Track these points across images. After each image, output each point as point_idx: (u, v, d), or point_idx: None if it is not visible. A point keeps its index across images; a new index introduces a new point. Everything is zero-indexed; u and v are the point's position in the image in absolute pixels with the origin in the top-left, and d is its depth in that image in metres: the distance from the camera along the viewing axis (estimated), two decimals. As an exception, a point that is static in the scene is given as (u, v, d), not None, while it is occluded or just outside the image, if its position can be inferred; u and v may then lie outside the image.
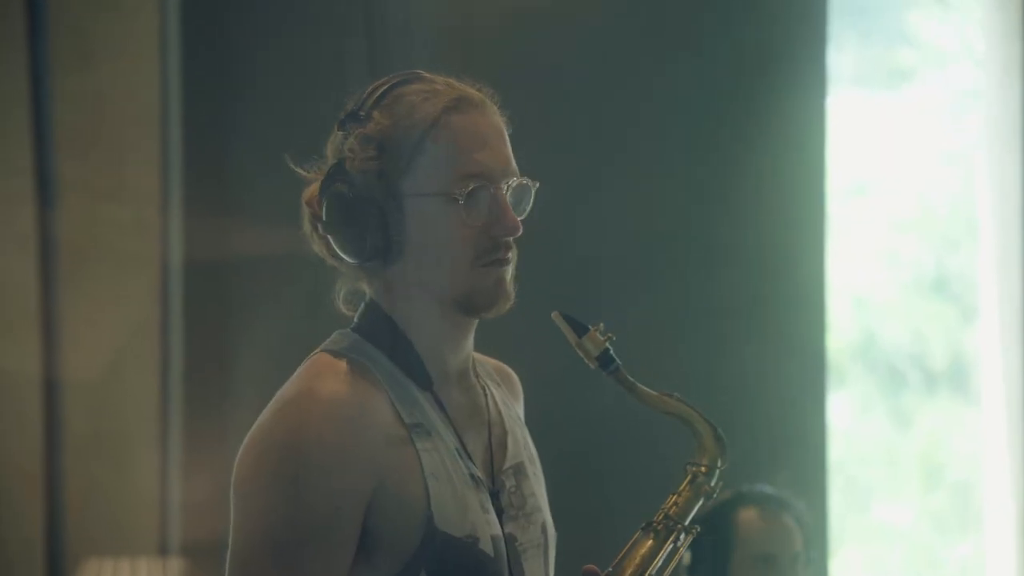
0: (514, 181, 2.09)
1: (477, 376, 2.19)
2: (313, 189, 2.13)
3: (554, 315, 2.17)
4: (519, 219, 2.09)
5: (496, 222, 2.07)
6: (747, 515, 3.58)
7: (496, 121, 2.11)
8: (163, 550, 4.11)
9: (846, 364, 5.16)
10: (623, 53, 4.44)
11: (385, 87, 2.10)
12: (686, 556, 3.45)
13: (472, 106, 2.09)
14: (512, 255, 2.10)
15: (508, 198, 2.08)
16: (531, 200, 2.12)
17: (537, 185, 2.12)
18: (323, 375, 2.03)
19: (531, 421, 2.30)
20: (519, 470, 2.18)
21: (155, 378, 4.04)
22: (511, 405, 2.26)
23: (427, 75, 2.13)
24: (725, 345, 4.42)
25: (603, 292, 4.18)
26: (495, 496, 2.11)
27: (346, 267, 2.13)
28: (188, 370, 4.07)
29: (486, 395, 2.19)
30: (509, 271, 2.10)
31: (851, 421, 5.18)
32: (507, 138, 2.12)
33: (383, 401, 2.03)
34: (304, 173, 2.14)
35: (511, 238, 2.08)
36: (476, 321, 2.13)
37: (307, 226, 2.14)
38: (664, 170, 4.50)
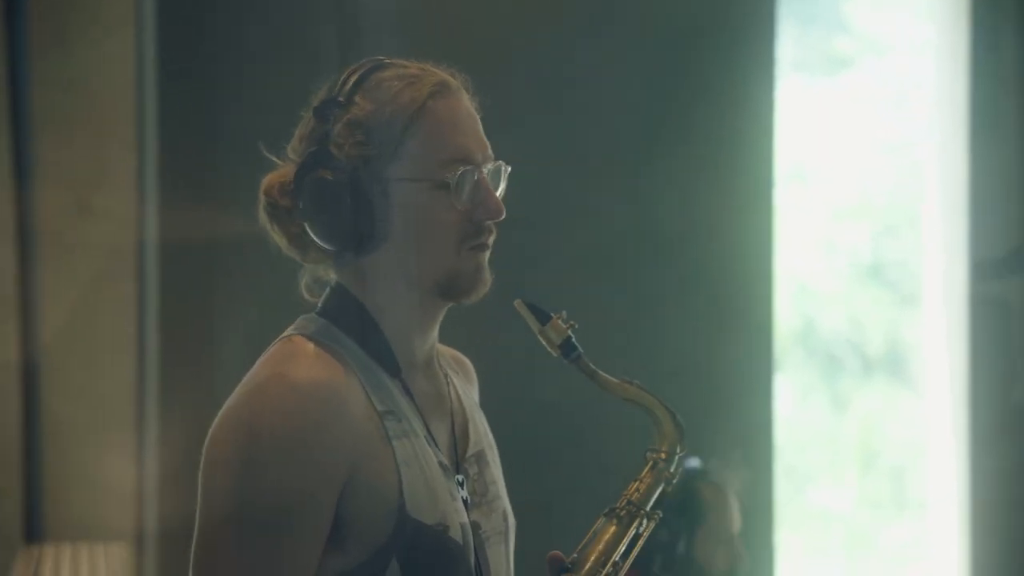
0: (492, 165, 2.11)
1: (439, 364, 2.20)
2: (272, 178, 2.12)
3: (517, 303, 2.17)
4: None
5: (480, 206, 2.08)
6: (714, 493, 3.63)
7: (471, 106, 2.12)
8: (139, 534, 4.10)
9: (786, 350, 5.20)
10: (570, 40, 4.44)
11: (361, 72, 2.10)
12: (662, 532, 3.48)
13: (451, 91, 2.10)
14: (492, 240, 2.10)
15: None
16: (504, 183, 2.13)
17: (510, 168, 2.14)
18: (295, 359, 2.01)
19: (489, 408, 2.30)
20: (481, 458, 2.18)
21: (132, 362, 4.02)
22: (469, 393, 2.27)
23: (398, 61, 2.13)
24: (671, 330, 4.45)
25: (549, 278, 4.19)
26: (460, 484, 2.11)
27: (314, 255, 2.12)
28: (165, 354, 4.05)
29: (448, 383, 2.20)
30: (486, 257, 2.10)
31: (790, 406, 5.22)
32: (480, 122, 2.13)
33: (355, 386, 2.02)
34: (277, 160, 2.13)
35: (494, 222, 2.09)
36: (446, 308, 2.14)
37: (263, 216, 2.13)
38: (612, 157, 4.51)
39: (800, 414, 5.25)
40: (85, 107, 3.75)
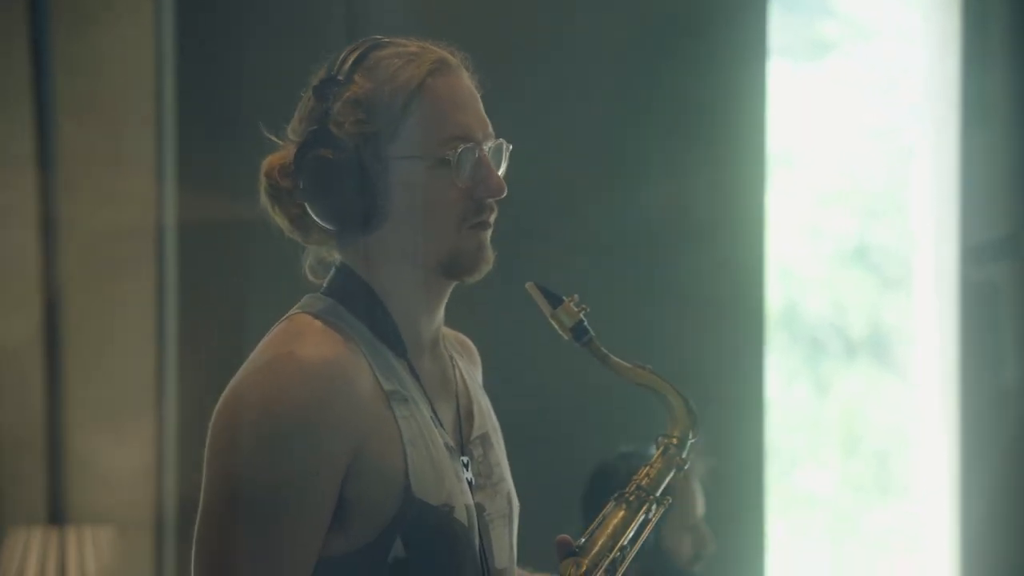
0: (493, 143, 2.10)
1: (444, 346, 2.19)
2: (273, 159, 2.10)
3: (528, 286, 2.16)
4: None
5: (481, 183, 2.07)
6: (687, 481, 3.61)
7: (471, 84, 2.11)
8: (159, 519, 4.09)
9: (770, 333, 5.21)
10: (563, 25, 4.43)
11: (360, 51, 2.09)
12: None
13: (450, 69, 2.09)
14: (493, 218, 2.09)
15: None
16: (506, 162, 2.12)
17: (511, 147, 2.13)
18: (303, 337, 1.99)
19: (494, 391, 2.30)
20: (485, 440, 2.18)
21: (151, 345, 4.01)
22: (474, 375, 2.26)
23: (397, 39, 2.12)
24: (660, 315, 4.45)
25: (541, 260, 4.18)
26: (465, 466, 2.10)
27: (316, 236, 2.11)
28: (184, 337, 4.04)
29: (453, 365, 2.19)
30: (488, 235, 2.09)
31: (775, 390, 5.23)
32: (480, 100, 2.12)
33: (362, 366, 2.01)
34: (278, 140, 2.12)
35: (495, 199, 2.08)
36: (451, 289, 2.12)
37: (264, 198, 2.11)
38: (603, 141, 4.51)
39: (783, 397, 5.26)
40: (105, 89, 3.73)
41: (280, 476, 1.93)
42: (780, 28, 5.09)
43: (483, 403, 2.22)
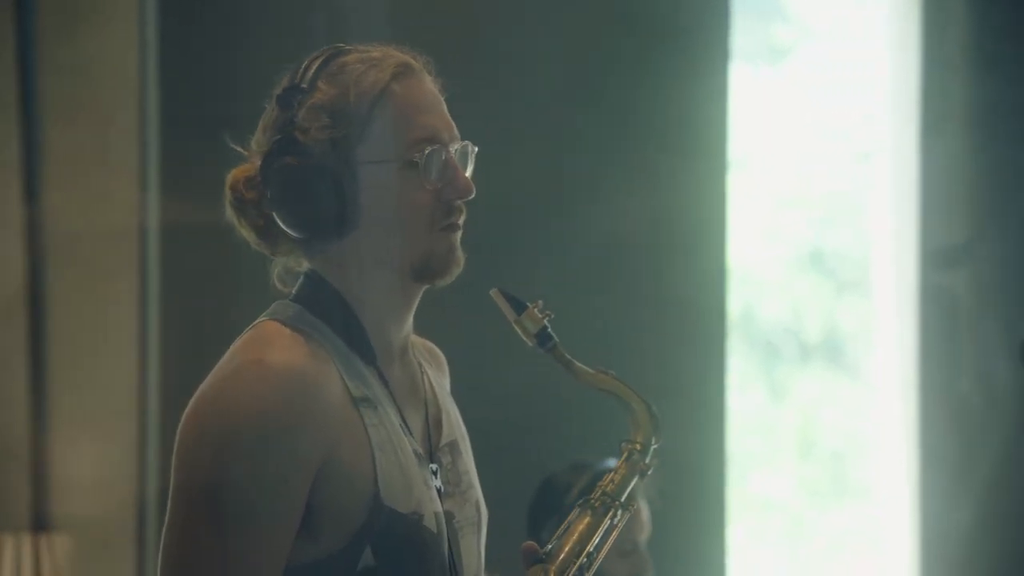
0: (459, 145, 2.10)
1: (413, 354, 2.18)
2: (237, 172, 2.10)
3: (493, 292, 2.16)
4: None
5: (449, 185, 2.07)
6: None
7: (435, 87, 2.12)
8: (141, 524, 4.07)
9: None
10: (523, 30, 4.43)
11: (323, 59, 2.09)
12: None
13: (414, 73, 2.09)
14: (463, 220, 2.09)
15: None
16: (472, 164, 2.13)
17: (477, 149, 2.13)
18: (271, 344, 1.98)
19: (459, 398, 2.29)
20: (454, 448, 2.17)
21: (134, 350, 3.99)
22: (442, 383, 2.26)
23: (359, 46, 2.12)
24: (624, 318, 4.45)
25: (503, 266, 4.17)
26: (434, 474, 2.10)
27: (285, 247, 2.10)
28: (166, 341, 4.02)
29: (422, 372, 2.18)
30: (459, 237, 2.09)
31: (730, 394, 5.24)
32: (444, 103, 2.12)
33: (332, 373, 2.00)
34: (243, 151, 2.11)
35: (464, 201, 2.08)
36: (420, 294, 2.12)
37: (230, 212, 2.10)
38: (564, 145, 4.50)
39: (741, 402, 5.28)
40: (89, 94, 3.72)
41: (249, 483, 1.92)
42: (738, 32, 5.11)
43: (451, 411, 2.22)
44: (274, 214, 2.06)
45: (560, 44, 4.49)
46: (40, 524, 4.09)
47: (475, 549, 2.15)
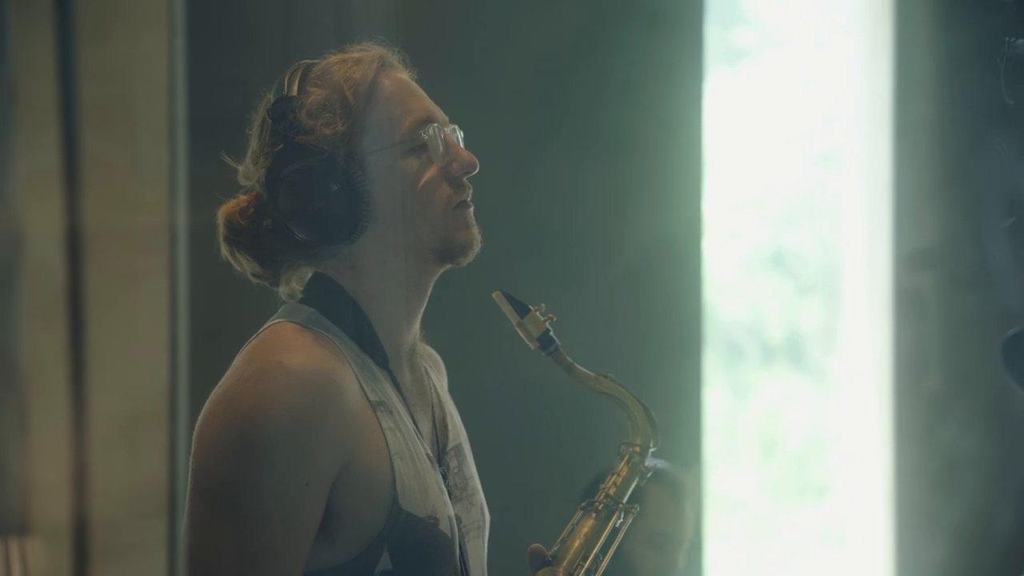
0: (451, 127, 2.13)
1: (419, 356, 2.19)
2: (228, 207, 2.09)
3: (496, 295, 2.17)
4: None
5: (454, 161, 2.09)
6: (657, 492, 3.60)
7: (412, 78, 2.15)
8: (171, 527, 4.06)
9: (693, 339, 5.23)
10: (500, 32, 4.42)
11: (300, 69, 2.11)
12: None
13: (393, 65, 2.12)
14: (471, 196, 2.12)
15: None
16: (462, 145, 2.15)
17: (463, 133, 2.16)
18: (292, 346, 1.97)
19: (462, 400, 2.30)
20: (459, 451, 2.18)
21: (165, 357, 3.97)
22: (442, 384, 2.26)
23: (329, 54, 2.13)
24: (603, 320, 4.45)
25: (478, 265, 4.17)
26: (443, 477, 2.11)
27: (287, 273, 2.10)
28: (195, 343, 4.00)
29: (427, 375, 2.19)
30: (472, 213, 2.11)
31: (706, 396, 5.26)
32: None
33: (350, 375, 2.00)
34: (236, 166, 2.11)
35: (469, 176, 2.11)
36: (432, 285, 2.12)
37: (226, 248, 2.09)
38: (535, 147, 4.50)
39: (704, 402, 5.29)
40: (120, 99, 3.70)
41: (271, 485, 1.91)
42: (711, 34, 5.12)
43: (454, 413, 2.23)
44: (290, 224, 2.04)
45: (533, 47, 4.49)
46: (79, 526, 4.08)
47: (481, 553, 2.16)
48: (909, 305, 4.81)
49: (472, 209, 2.12)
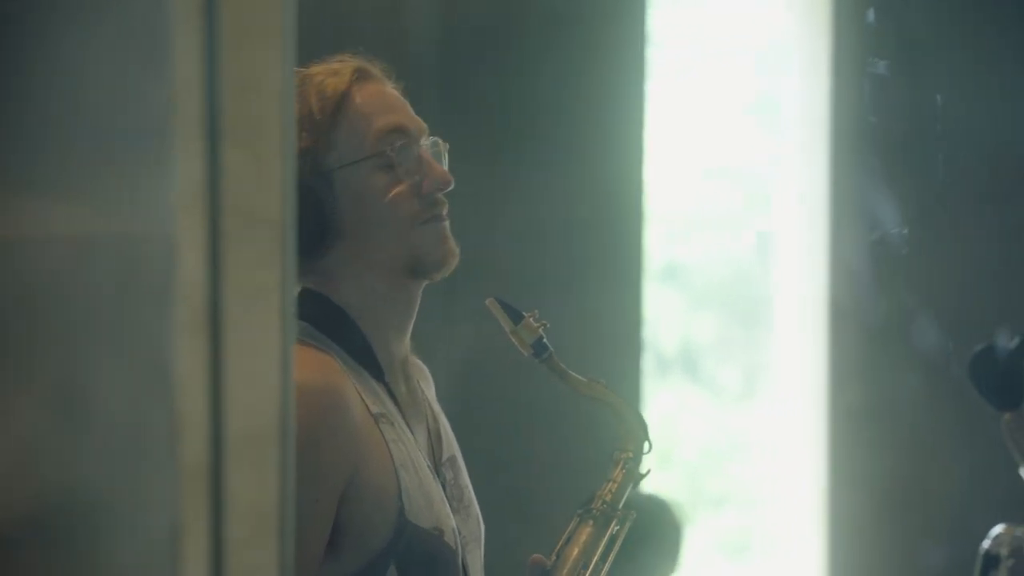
0: (430, 140, 2.09)
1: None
2: None
3: (489, 301, 2.14)
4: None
5: (427, 177, 2.06)
6: (670, 531, 3.66)
7: (396, 91, 2.12)
8: (282, 555, 3.94)
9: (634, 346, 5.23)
10: (443, 13, 4.35)
11: None
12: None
13: (372, 77, 2.09)
14: (447, 211, 2.08)
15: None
16: (446, 161, 2.12)
17: (448, 146, 2.12)
18: (295, 359, 1.94)
19: (453, 411, 2.27)
20: (454, 462, 2.16)
21: (277, 375, 3.85)
22: (431, 395, 2.24)
23: (314, 63, 2.10)
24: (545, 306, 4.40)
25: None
26: (443, 488, 2.08)
27: None
28: None
29: (419, 386, 2.16)
30: (447, 227, 2.07)
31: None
32: (409, 106, 2.12)
33: (352, 389, 1.97)
34: None
35: (443, 192, 2.07)
36: (418, 299, 2.09)
37: None
38: (483, 131, 4.43)
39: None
40: (239, 109, 3.58)
41: None
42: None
43: (446, 424, 2.20)
44: None
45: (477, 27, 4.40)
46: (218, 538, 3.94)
47: (478, 564, 2.14)
48: (843, 321, 4.83)
49: (446, 224, 2.07)
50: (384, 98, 2.08)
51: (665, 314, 5.49)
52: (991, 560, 2.25)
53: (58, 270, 1.18)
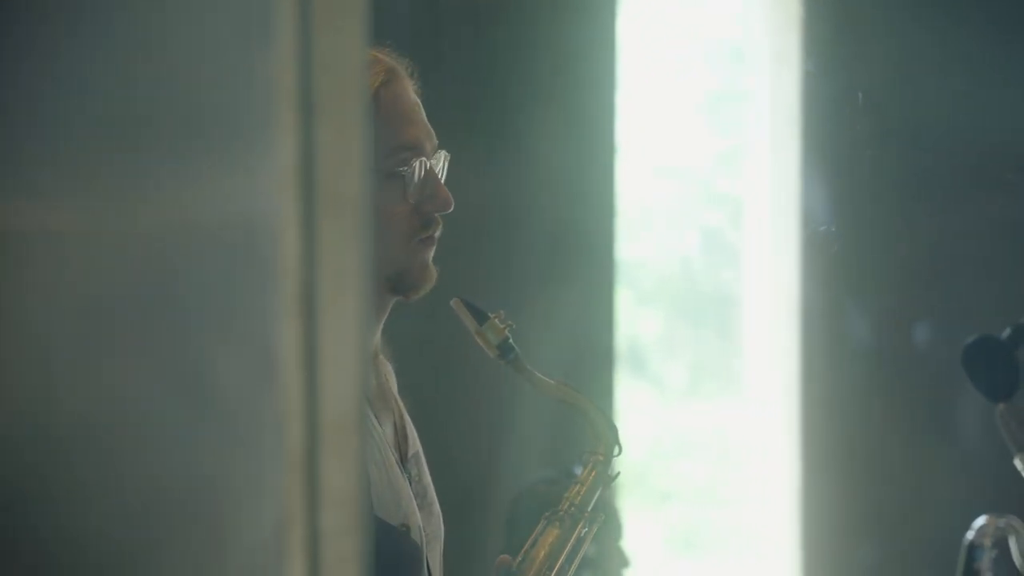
0: (440, 155, 2.07)
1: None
2: None
3: (455, 302, 2.12)
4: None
5: (431, 197, 2.03)
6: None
7: (415, 94, 2.08)
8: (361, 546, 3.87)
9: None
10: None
11: None
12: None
13: (400, 79, 2.06)
14: (439, 234, 2.05)
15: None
16: (445, 171, 2.09)
17: (450, 156, 2.09)
18: None
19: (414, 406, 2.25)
20: (418, 459, 2.14)
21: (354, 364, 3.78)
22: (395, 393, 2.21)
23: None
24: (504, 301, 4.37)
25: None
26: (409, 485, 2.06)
27: None
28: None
29: (387, 382, 2.14)
30: (433, 251, 2.06)
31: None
32: (423, 109, 2.09)
33: None
34: None
35: (442, 214, 2.05)
36: (390, 307, 2.07)
37: None
38: (461, 134, 4.37)
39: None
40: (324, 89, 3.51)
41: None
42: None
43: (410, 422, 2.17)
44: None
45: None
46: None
47: (438, 562, 2.12)
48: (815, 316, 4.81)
49: (434, 247, 2.06)
50: (406, 106, 2.05)
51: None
52: (974, 551, 2.26)
53: (171, 256, 1.16)
